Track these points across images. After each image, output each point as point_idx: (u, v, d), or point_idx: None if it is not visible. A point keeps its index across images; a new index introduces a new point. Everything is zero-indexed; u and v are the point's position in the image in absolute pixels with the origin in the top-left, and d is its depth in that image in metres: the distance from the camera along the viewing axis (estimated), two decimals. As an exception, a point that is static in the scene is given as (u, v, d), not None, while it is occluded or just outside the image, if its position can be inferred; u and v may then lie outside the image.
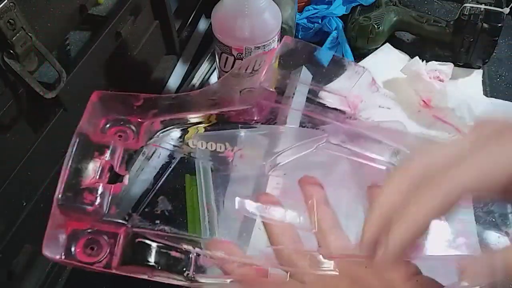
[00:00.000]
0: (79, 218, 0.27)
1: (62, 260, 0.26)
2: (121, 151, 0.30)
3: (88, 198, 0.27)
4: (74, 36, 0.47)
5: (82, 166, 0.28)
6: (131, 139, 0.30)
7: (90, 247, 0.26)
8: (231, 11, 0.48)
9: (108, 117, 0.29)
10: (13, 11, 0.31)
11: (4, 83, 0.34)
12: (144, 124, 0.30)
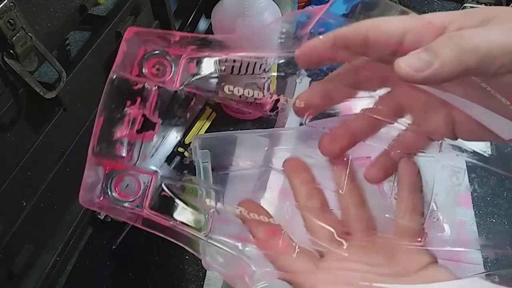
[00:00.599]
0: (114, 164, 0.28)
1: (99, 201, 0.27)
2: (155, 95, 0.29)
3: (120, 149, 0.28)
4: (74, 36, 0.47)
5: (114, 116, 0.28)
6: (168, 75, 0.29)
7: (125, 185, 0.28)
8: (231, 11, 0.48)
9: (146, 47, 0.28)
10: (13, 11, 0.31)
11: (4, 83, 0.34)
12: (182, 59, 0.29)
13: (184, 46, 0.29)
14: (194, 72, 0.30)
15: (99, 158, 0.28)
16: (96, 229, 0.53)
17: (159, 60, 0.29)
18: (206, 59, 0.30)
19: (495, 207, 0.52)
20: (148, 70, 0.29)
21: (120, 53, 0.28)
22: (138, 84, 0.29)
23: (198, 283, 0.48)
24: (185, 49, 0.29)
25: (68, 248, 0.48)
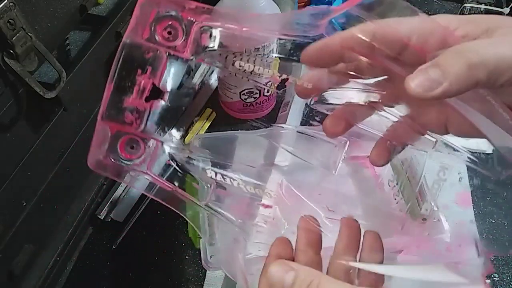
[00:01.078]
0: (121, 127, 0.29)
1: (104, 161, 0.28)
2: (165, 63, 0.29)
3: (129, 117, 0.29)
4: (74, 36, 0.47)
5: (124, 83, 0.28)
6: (180, 40, 0.28)
7: (130, 146, 0.29)
8: (231, 11, 0.48)
9: (159, 9, 0.28)
10: (13, 11, 0.31)
11: (4, 83, 0.34)
12: (195, 25, 0.28)
13: (198, 14, 0.28)
14: (206, 43, 0.29)
15: (107, 123, 0.28)
16: (96, 229, 0.53)
17: (171, 23, 0.28)
18: (218, 31, 0.29)
19: (495, 207, 0.52)
20: (160, 32, 0.28)
21: (134, 17, 0.27)
22: (150, 52, 0.28)
23: (198, 283, 0.48)
24: (199, 16, 0.28)
25: (68, 248, 0.49)
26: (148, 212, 0.54)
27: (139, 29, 0.27)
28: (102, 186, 0.53)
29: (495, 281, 0.48)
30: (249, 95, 0.57)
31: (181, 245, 0.51)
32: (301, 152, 0.40)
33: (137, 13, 0.27)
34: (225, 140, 0.52)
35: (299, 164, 0.45)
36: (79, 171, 0.50)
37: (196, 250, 0.50)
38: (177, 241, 0.51)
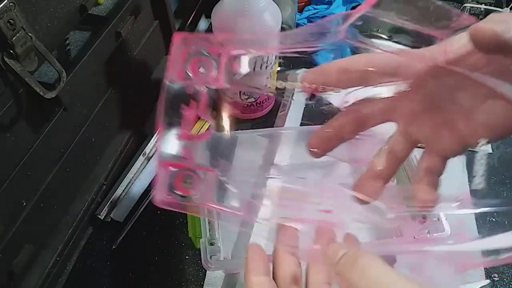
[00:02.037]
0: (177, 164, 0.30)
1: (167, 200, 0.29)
2: (205, 96, 0.31)
3: (183, 151, 0.30)
4: (74, 36, 0.47)
5: (173, 120, 0.30)
6: (211, 73, 0.30)
7: (185, 181, 0.30)
8: (231, 11, 0.48)
9: (189, 49, 0.30)
10: (13, 11, 0.31)
11: (4, 83, 0.34)
12: (223, 58, 0.30)
13: (224, 46, 0.30)
14: (237, 71, 0.31)
15: (164, 161, 0.30)
16: (96, 229, 0.53)
17: (201, 59, 0.30)
18: (245, 57, 0.31)
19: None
20: (193, 70, 0.30)
21: (170, 60, 0.30)
22: (189, 87, 0.31)
23: (198, 283, 0.48)
24: (225, 48, 0.30)
25: (68, 248, 0.49)
26: (148, 212, 0.54)
27: (176, 69, 0.30)
28: (102, 186, 0.53)
29: (495, 281, 0.48)
30: (249, 95, 0.57)
31: (181, 245, 0.51)
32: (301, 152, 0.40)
33: (172, 56, 0.30)
34: (225, 140, 0.52)
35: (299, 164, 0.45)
36: (79, 171, 0.50)
37: (196, 250, 0.50)
38: (177, 241, 0.51)
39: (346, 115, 0.31)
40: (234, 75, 0.31)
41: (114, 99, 0.53)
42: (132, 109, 0.58)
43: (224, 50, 0.30)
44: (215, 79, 0.30)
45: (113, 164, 0.54)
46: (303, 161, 0.50)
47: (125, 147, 0.57)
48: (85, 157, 0.50)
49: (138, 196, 0.55)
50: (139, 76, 0.60)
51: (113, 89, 0.52)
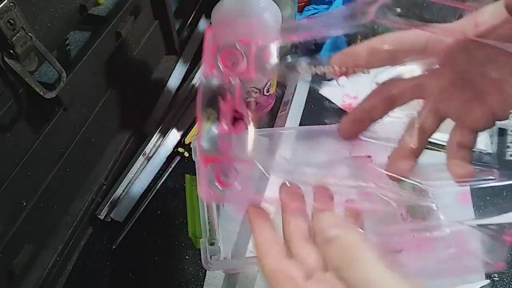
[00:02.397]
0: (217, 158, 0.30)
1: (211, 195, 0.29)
2: (239, 87, 0.31)
3: (222, 144, 0.30)
4: (74, 36, 0.47)
5: (211, 114, 0.30)
6: (241, 64, 0.30)
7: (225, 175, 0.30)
8: (231, 11, 0.48)
9: (219, 42, 0.30)
10: (13, 11, 0.31)
11: (4, 83, 0.34)
12: (252, 47, 0.30)
13: (253, 35, 0.30)
14: (268, 60, 0.31)
15: (204, 156, 0.30)
16: (96, 229, 0.53)
17: (231, 51, 0.30)
18: (275, 45, 0.31)
19: (495, 207, 0.52)
20: (223, 63, 0.30)
21: (203, 55, 0.30)
22: (223, 81, 0.30)
23: (198, 283, 0.48)
24: (254, 37, 0.30)
25: (68, 248, 0.49)
26: (148, 212, 0.54)
27: (207, 63, 0.30)
28: (102, 186, 0.53)
29: (495, 281, 0.48)
30: (249, 94, 0.57)
31: (181, 245, 0.51)
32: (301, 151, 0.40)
33: (204, 50, 0.30)
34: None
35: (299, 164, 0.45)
36: (79, 171, 0.50)
37: (196, 250, 0.50)
38: (177, 241, 0.51)
39: (376, 96, 0.31)
40: (265, 65, 0.31)
41: (114, 99, 0.53)
42: (132, 109, 0.58)
43: (253, 40, 0.30)
44: (245, 70, 0.30)
45: (113, 164, 0.54)
46: (303, 161, 0.50)
47: (125, 147, 0.57)
48: (85, 157, 0.50)
49: (138, 196, 0.55)
50: (139, 76, 0.60)
51: (113, 89, 0.52)
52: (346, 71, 0.30)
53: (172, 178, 0.57)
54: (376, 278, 0.22)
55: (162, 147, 0.58)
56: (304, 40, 0.31)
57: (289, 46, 0.32)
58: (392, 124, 0.33)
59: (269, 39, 0.30)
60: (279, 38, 0.30)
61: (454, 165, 0.29)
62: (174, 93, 0.64)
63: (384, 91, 0.31)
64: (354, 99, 0.61)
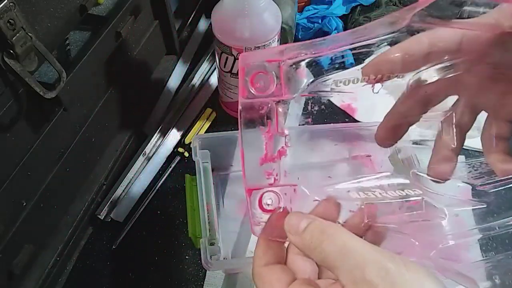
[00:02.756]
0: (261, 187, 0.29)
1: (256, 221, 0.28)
2: (276, 111, 0.29)
3: (268, 173, 0.29)
4: (74, 36, 0.47)
5: (253, 144, 0.29)
6: (273, 86, 0.29)
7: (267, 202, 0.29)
8: (231, 11, 0.48)
9: (247, 66, 0.29)
10: (13, 11, 0.31)
11: (4, 83, 0.34)
12: (282, 66, 0.29)
13: (283, 54, 0.29)
14: (300, 78, 0.30)
15: (251, 188, 0.28)
16: (96, 229, 0.53)
17: (259, 72, 0.29)
18: (306, 61, 0.30)
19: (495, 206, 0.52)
20: (254, 87, 0.29)
21: (239, 84, 0.29)
22: (262, 106, 0.29)
23: (198, 283, 0.48)
24: (283, 56, 0.29)
25: (68, 248, 0.49)
26: (148, 212, 0.54)
27: (241, 90, 0.29)
28: (102, 186, 0.53)
29: (496, 282, 0.48)
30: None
31: (181, 245, 0.51)
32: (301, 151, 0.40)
33: (239, 78, 0.29)
34: (225, 140, 0.52)
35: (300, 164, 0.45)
36: (79, 171, 0.50)
37: (196, 250, 0.50)
38: (177, 241, 0.51)
39: (411, 98, 0.31)
40: (298, 83, 0.30)
41: (114, 99, 0.53)
42: (132, 109, 0.58)
43: (283, 58, 0.29)
44: (277, 92, 0.29)
45: (113, 164, 0.54)
46: (303, 161, 0.50)
47: (125, 147, 0.57)
48: (85, 157, 0.50)
49: (138, 196, 0.55)
50: (139, 76, 0.60)
51: (113, 89, 0.52)
52: (381, 77, 0.30)
53: (172, 178, 0.57)
54: (353, 245, 0.23)
55: (162, 147, 0.58)
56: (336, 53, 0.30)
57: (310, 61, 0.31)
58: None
59: (299, 56, 0.29)
60: (310, 54, 0.29)
61: (497, 160, 0.29)
62: (174, 93, 0.64)
63: (419, 93, 0.31)
64: (353, 99, 0.61)
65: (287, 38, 0.69)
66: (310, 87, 0.30)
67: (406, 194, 0.30)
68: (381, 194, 0.30)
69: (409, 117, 0.32)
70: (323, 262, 0.24)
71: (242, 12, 0.48)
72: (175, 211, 0.54)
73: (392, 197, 0.29)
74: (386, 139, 0.33)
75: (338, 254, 0.23)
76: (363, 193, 0.30)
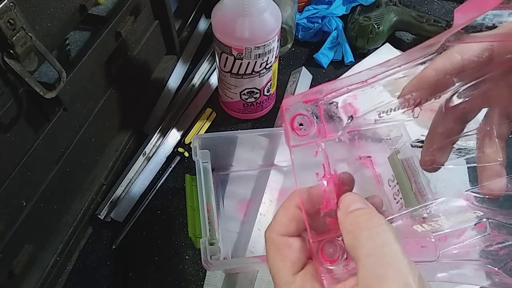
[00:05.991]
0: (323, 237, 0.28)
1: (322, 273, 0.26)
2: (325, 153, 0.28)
3: (328, 221, 0.27)
4: (74, 36, 0.47)
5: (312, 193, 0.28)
6: (313, 127, 0.28)
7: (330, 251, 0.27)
8: (231, 11, 0.48)
9: (287, 110, 0.28)
10: (13, 11, 0.31)
11: (4, 83, 0.34)
12: (320, 105, 0.28)
13: (321, 92, 0.28)
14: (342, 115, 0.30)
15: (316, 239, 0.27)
16: (96, 229, 0.53)
17: (297, 114, 0.28)
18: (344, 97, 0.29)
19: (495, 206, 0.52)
20: (295, 130, 0.28)
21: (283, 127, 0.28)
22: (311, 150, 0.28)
23: (198, 283, 0.48)
24: (320, 94, 0.28)
25: (68, 248, 0.49)
26: (148, 212, 0.54)
27: (286, 138, 0.28)
28: (102, 186, 0.53)
29: (495, 281, 0.48)
30: (249, 95, 0.57)
31: (181, 245, 0.51)
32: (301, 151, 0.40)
33: (283, 125, 0.28)
34: (225, 140, 0.52)
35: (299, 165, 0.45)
36: (79, 171, 0.50)
37: (196, 250, 0.50)
38: (177, 241, 0.51)
39: (449, 118, 0.31)
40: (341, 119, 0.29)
41: (114, 99, 0.53)
42: (132, 109, 0.58)
43: (320, 96, 0.28)
44: (319, 131, 0.28)
45: (113, 164, 0.54)
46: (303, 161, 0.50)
47: (125, 147, 0.57)
48: (85, 157, 0.50)
49: (138, 196, 0.55)
50: (139, 76, 0.60)
51: (113, 89, 0.52)
52: (419, 101, 0.30)
53: (172, 178, 0.57)
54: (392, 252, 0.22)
55: (162, 147, 0.58)
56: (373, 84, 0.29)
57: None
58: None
59: (336, 93, 0.28)
60: (348, 89, 0.29)
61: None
62: (174, 93, 0.64)
63: (456, 111, 0.31)
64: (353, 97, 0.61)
65: (287, 38, 0.69)
66: (354, 122, 0.30)
67: (468, 218, 0.29)
68: (444, 222, 0.29)
69: (452, 137, 0.32)
70: (351, 248, 0.23)
71: (242, 12, 0.48)
72: (175, 211, 0.54)
73: (455, 223, 0.28)
74: (433, 163, 0.33)
75: (372, 250, 0.22)
76: (427, 225, 0.29)
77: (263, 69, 0.54)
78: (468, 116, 0.31)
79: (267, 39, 0.50)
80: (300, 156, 0.28)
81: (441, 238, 0.28)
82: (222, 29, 0.50)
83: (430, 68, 0.29)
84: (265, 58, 0.52)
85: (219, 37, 0.51)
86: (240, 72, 0.53)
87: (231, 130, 0.61)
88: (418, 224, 0.29)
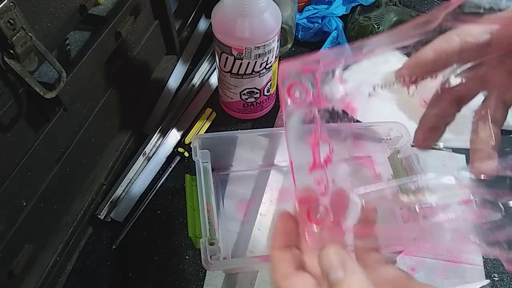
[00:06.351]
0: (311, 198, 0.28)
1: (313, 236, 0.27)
2: (317, 118, 0.29)
3: (316, 181, 0.28)
4: (74, 36, 0.47)
5: (300, 153, 0.29)
6: (309, 95, 0.29)
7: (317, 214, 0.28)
8: (231, 11, 0.48)
9: (284, 77, 0.29)
10: (13, 11, 0.31)
11: (4, 83, 0.34)
12: (317, 74, 0.29)
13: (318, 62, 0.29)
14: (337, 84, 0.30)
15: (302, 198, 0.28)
16: (96, 229, 0.53)
17: (293, 82, 0.29)
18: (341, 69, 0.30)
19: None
20: (290, 97, 0.29)
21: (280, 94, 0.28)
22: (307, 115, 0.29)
23: (198, 283, 0.48)
24: (318, 64, 0.29)
25: (68, 248, 0.49)
26: (148, 212, 0.54)
27: (281, 101, 0.29)
28: (102, 186, 0.53)
29: (495, 281, 0.48)
30: (249, 95, 0.57)
31: (181, 245, 0.51)
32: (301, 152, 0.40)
33: (279, 90, 0.29)
34: (225, 140, 0.52)
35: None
36: (79, 171, 0.50)
37: (196, 250, 0.50)
38: (177, 241, 0.51)
39: (444, 99, 0.31)
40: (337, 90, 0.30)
41: (114, 99, 0.53)
42: (132, 109, 0.58)
43: (317, 67, 0.29)
44: (315, 100, 0.29)
45: (113, 164, 0.54)
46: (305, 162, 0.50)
47: (125, 147, 0.57)
48: (85, 157, 0.50)
49: (138, 196, 0.55)
50: (139, 76, 0.60)
51: (113, 89, 0.52)
52: (415, 79, 0.30)
53: (172, 178, 0.57)
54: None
55: (162, 147, 0.58)
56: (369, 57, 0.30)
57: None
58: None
59: (334, 64, 0.29)
60: (344, 60, 0.29)
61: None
62: (174, 93, 0.64)
63: (451, 93, 0.31)
64: (353, 98, 0.61)
65: (287, 38, 0.69)
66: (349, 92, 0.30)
67: (455, 194, 0.29)
68: (430, 196, 0.29)
69: (446, 118, 0.32)
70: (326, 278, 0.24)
71: (242, 12, 0.48)
72: (175, 211, 0.54)
73: (442, 197, 0.29)
74: (425, 141, 0.33)
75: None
76: (413, 197, 0.29)
77: (263, 69, 0.54)
78: (463, 99, 0.31)
79: (267, 39, 0.50)
80: (295, 121, 0.29)
81: (426, 210, 0.29)
82: (222, 29, 0.50)
83: (428, 48, 0.29)
84: (265, 58, 0.52)
85: (219, 37, 0.51)
86: (240, 72, 0.53)
87: (231, 130, 0.61)
88: (404, 195, 0.29)
